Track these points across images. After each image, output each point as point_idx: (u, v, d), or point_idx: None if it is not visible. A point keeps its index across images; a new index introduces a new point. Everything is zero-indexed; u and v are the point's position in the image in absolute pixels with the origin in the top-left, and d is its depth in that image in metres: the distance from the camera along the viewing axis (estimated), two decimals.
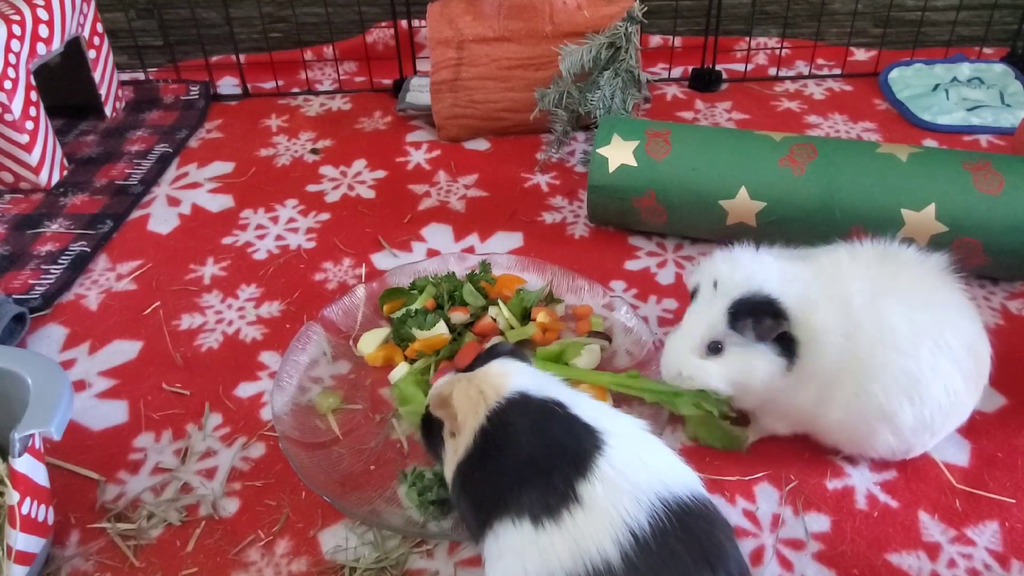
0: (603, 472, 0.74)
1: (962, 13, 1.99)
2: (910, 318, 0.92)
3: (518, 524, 0.74)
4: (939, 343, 0.92)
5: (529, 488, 0.75)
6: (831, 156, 1.27)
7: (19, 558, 0.84)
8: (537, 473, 0.75)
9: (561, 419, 0.80)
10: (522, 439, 0.78)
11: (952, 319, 0.94)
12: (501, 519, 0.76)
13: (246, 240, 1.46)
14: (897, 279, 0.95)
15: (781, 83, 1.92)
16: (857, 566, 0.91)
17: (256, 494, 1.01)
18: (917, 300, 0.94)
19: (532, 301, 1.23)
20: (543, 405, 0.81)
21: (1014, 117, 1.73)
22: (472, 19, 1.64)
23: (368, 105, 1.89)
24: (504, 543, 0.75)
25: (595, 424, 0.79)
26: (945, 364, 0.92)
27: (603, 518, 0.71)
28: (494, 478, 0.78)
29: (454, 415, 0.83)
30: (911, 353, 0.92)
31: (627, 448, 0.77)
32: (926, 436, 0.97)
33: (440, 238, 1.45)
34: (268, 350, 1.22)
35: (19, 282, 1.35)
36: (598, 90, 1.55)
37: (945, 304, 0.95)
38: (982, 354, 0.97)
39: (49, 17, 1.58)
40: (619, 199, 1.36)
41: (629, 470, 0.74)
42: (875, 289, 0.94)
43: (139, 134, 1.78)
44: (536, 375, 0.86)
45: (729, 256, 0.97)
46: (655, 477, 0.74)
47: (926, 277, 0.97)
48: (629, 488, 0.72)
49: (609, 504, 0.72)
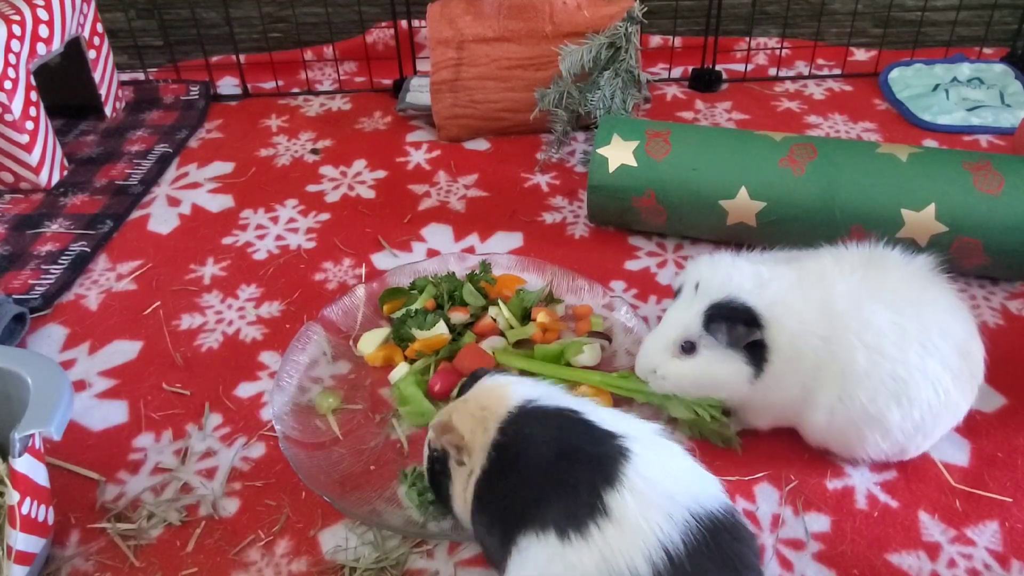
0: (632, 482, 0.70)
1: (962, 13, 1.99)
2: (896, 321, 0.93)
3: (543, 537, 0.70)
4: (927, 345, 0.92)
5: (554, 499, 0.71)
6: (831, 156, 1.27)
7: (19, 558, 0.84)
8: (561, 483, 0.72)
9: (579, 425, 0.77)
10: (543, 448, 0.75)
11: (941, 320, 0.94)
12: (525, 533, 0.72)
13: (246, 240, 1.46)
14: (883, 282, 0.96)
15: (781, 83, 1.92)
16: (857, 566, 0.91)
17: (256, 494, 1.01)
18: (903, 303, 0.94)
19: (532, 301, 1.23)
20: (557, 411, 0.78)
21: (1014, 117, 1.73)
22: (472, 19, 1.64)
23: (368, 105, 1.89)
24: (529, 557, 0.71)
25: (614, 429, 0.76)
26: (934, 366, 0.92)
27: (635, 534, 0.68)
28: (516, 491, 0.75)
29: (460, 437, 0.81)
30: (898, 357, 0.92)
31: (652, 456, 0.74)
32: (918, 438, 0.97)
33: (440, 238, 1.45)
34: (268, 350, 1.22)
35: (19, 282, 1.35)
36: (598, 90, 1.55)
37: (933, 305, 0.95)
38: (975, 354, 0.97)
39: (49, 17, 1.58)
40: (619, 199, 1.36)
41: (658, 481, 0.71)
42: (860, 293, 0.94)
43: (139, 134, 1.78)
44: (534, 384, 0.84)
45: (711, 260, 0.99)
46: (685, 489, 0.71)
47: (913, 279, 0.97)
48: (661, 502, 0.69)
49: (641, 519, 0.68)
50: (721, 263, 0.97)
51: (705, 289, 0.96)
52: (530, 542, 0.71)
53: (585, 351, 1.14)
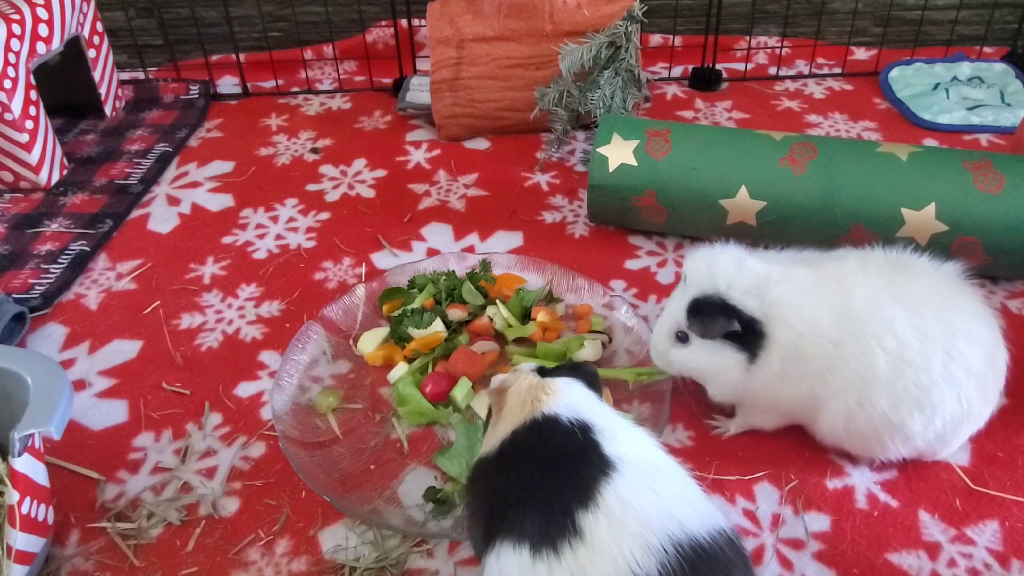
0: (608, 505, 0.68)
1: (962, 12, 1.99)
2: (918, 327, 0.91)
3: (519, 550, 0.69)
4: (951, 353, 0.91)
5: (531, 511, 0.70)
6: (831, 155, 1.27)
7: (19, 557, 0.84)
8: (541, 498, 0.71)
9: (576, 443, 0.75)
10: (532, 461, 0.74)
11: (967, 328, 0.93)
12: (504, 540, 0.71)
13: (246, 239, 1.46)
14: (908, 288, 0.95)
15: (781, 82, 1.92)
16: (857, 566, 0.91)
17: (256, 493, 1.01)
18: (927, 308, 0.93)
19: (532, 300, 1.22)
20: (566, 428, 0.76)
21: (1014, 116, 1.73)
22: (472, 18, 1.64)
23: (368, 104, 1.89)
24: (504, 566, 0.70)
25: (613, 451, 0.74)
26: (959, 374, 0.92)
27: (607, 562, 0.65)
28: (501, 493, 0.74)
29: (500, 408, 0.81)
30: (921, 364, 0.91)
31: (639, 478, 0.71)
32: (938, 445, 0.97)
33: (440, 237, 1.45)
34: (268, 349, 1.22)
35: (19, 281, 1.35)
36: (598, 89, 1.55)
37: (959, 311, 0.94)
38: (999, 362, 0.96)
39: (49, 16, 1.58)
40: (619, 198, 1.36)
41: (638, 504, 0.68)
42: (881, 297, 0.93)
43: (139, 133, 1.78)
44: (588, 401, 0.80)
45: (703, 253, 0.98)
46: (669, 514, 0.68)
47: (939, 285, 0.96)
48: (638, 528, 0.67)
49: (614, 546, 0.66)
50: (716, 257, 0.97)
51: (693, 281, 0.97)
52: (507, 551, 0.70)
53: (586, 346, 1.15)
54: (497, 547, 0.71)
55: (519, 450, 0.77)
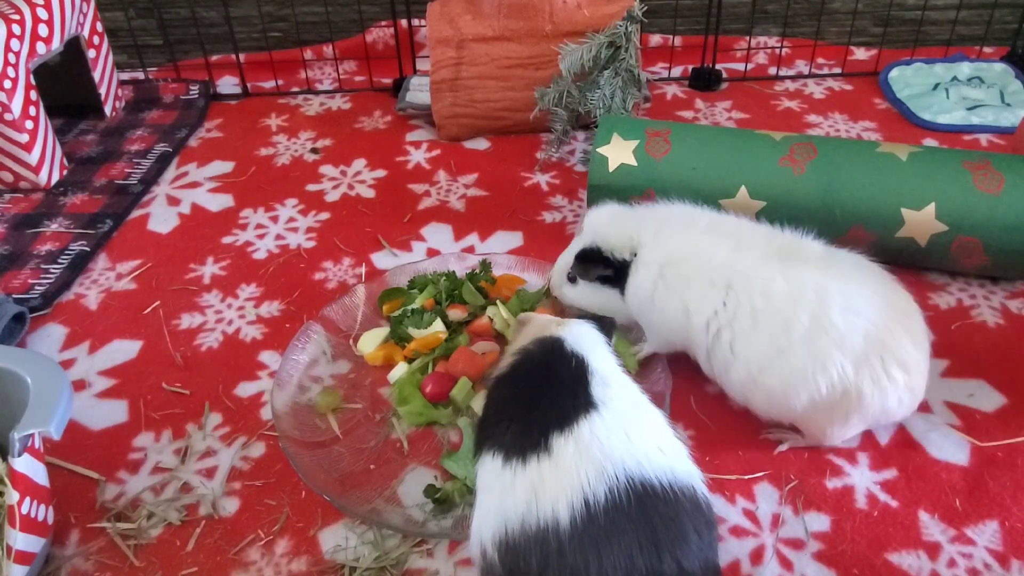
0: (580, 432, 0.74)
1: (962, 12, 1.99)
2: (792, 280, 0.96)
3: (496, 458, 0.76)
4: (820, 319, 0.94)
5: (514, 427, 0.77)
6: (831, 155, 1.27)
7: (19, 558, 0.84)
8: (525, 415, 0.77)
9: (569, 372, 0.81)
10: (529, 381, 0.82)
11: (848, 300, 0.94)
12: (487, 448, 0.78)
13: (246, 240, 1.46)
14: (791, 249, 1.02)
15: (781, 82, 1.92)
16: (857, 566, 0.91)
17: (256, 493, 1.01)
18: (816, 270, 0.97)
19: (532, 301, 1.22)
20: (566, 353, 0.83)
21: (1014, 116, 1.73)
22: (472, 18, 1.64)
23: (368, 104, 1.89)
24: (483, 470, 0.78)
25: (599, 394, 0.79)
26: (827, 346, 0.93)
27: (565, 477, 0.72)
28: (501, 404, 0.82)
29: (520, 334, 0.91)
30: (789, 314, 0.95)
31: (615, 420, 0.76)
32: (820, 419, 0.98)
33: (440, 238, 1.45)
34: (268, 349, 1.22)
35: (19, 281, 1.35)
36: (598, 89, 1.55)
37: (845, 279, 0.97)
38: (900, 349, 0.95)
39: (49, 16, 1.58)
40: (619, 198, 1.35)
41: (607, 440, 0.74)
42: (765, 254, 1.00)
43: (139, 133, 1.78)
44: (594, 342, 0.86)
45: (594, 210, 1.15)
46: (632, 454, 0.73)
47: (830, 257, 1.01)
48: (600, 457, 0.72)
49: (574, 466, 0.72)
50: (595, 213, 1.14)
51: (584, 234, 1.13)
52: (487, 457, 0.78)
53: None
54: (483, 454, 0.79)
55: (522, 367, 0.84)
